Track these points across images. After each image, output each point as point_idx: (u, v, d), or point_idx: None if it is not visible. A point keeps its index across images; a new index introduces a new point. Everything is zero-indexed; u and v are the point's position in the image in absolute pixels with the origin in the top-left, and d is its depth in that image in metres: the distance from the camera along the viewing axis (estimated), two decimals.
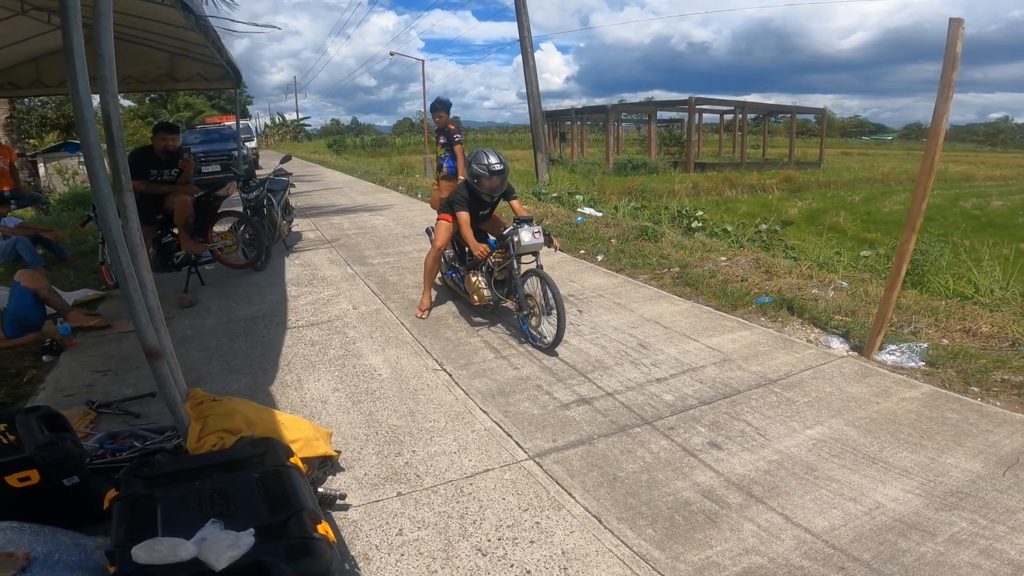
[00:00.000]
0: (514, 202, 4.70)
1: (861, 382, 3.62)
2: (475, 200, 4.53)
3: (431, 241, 4.88)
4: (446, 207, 4.70)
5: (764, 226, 9.48)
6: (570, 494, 2.60)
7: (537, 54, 15.48)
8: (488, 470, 2.78)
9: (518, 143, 43.71)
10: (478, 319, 4.78)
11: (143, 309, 2.19)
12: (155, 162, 5.26)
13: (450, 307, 5.09)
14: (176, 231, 5.47)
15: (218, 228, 5.99)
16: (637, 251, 6.80)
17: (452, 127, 6.83)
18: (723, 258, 6.40)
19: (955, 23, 3.32)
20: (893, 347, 3.93)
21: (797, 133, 33.55)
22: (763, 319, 4.71)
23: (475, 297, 4.55)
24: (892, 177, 24.65)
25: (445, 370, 3.88)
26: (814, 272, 5.85)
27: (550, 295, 4.00)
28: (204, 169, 14.60)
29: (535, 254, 4.30)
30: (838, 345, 4.14)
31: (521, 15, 14.40)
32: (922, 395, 3.45)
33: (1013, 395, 3.41)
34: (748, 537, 2.32)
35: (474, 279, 4.56)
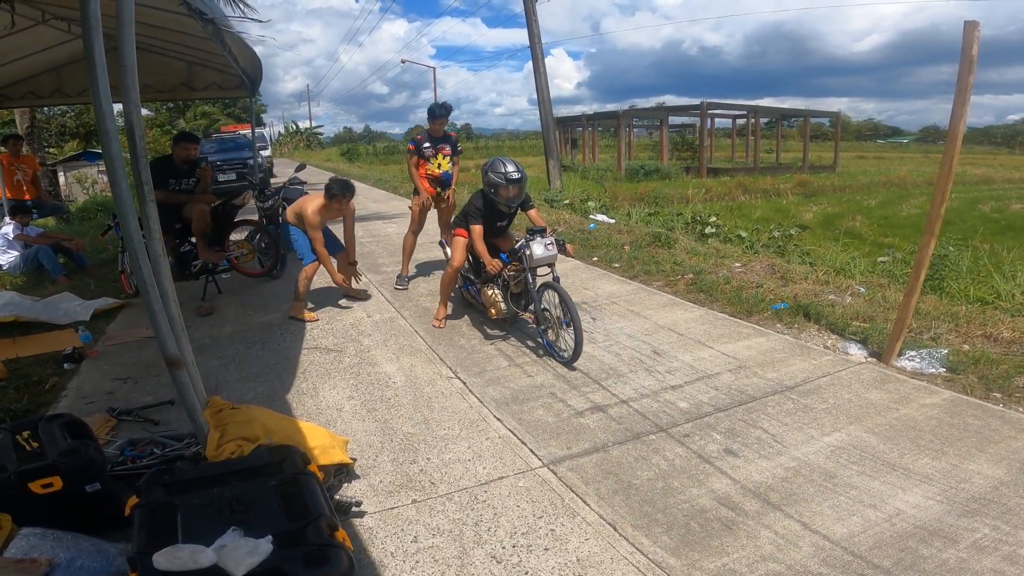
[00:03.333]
0: (531, 212, 4.54)
1: (880, 388, 3.57)
2: (491, 211, 4.44)
3: (445, 254, 4.78)
4: (460, 220, 4.61)
5: (778, 231, 9.41)
6: (585, 501, 2.59)
7: (548, 60, 15.53)
8: (502, 477, 2.78)
9: (530, 150, 43.80)
10: (491, 328, 4.77)
11: (164, 318, 2.22)
12: (174, 171, 5.33)
13: (464, 316, 5.09)
14: (194, 240, 5.54)
15: (234, 237, 6.06)
16: (650, 257, 6.77)
17: (453, 135, 6.08)
18: (737, 264, 6.36)
19: (970, 25, 3.29)
20: (913, 353, 3.88)
21: (811, 137, 33.29)
22: (779, 325, 4.67)
23: (492, 311, 4.47)
24: (909, 180, 24.41)
25: (459, 378, 3.88)
26: (830, 277, 5.79)
27: (566, 309, 3.92)
28: (220, 177, 14.77)
29: (551, 265, 4.23)
30: (856, 351, 4.09)
31: (531, 22, 14.45)
32: (943, 401, 3.40)
33: None
34: (765, 544, 2.30)
35: (490, 292, 4.47)
